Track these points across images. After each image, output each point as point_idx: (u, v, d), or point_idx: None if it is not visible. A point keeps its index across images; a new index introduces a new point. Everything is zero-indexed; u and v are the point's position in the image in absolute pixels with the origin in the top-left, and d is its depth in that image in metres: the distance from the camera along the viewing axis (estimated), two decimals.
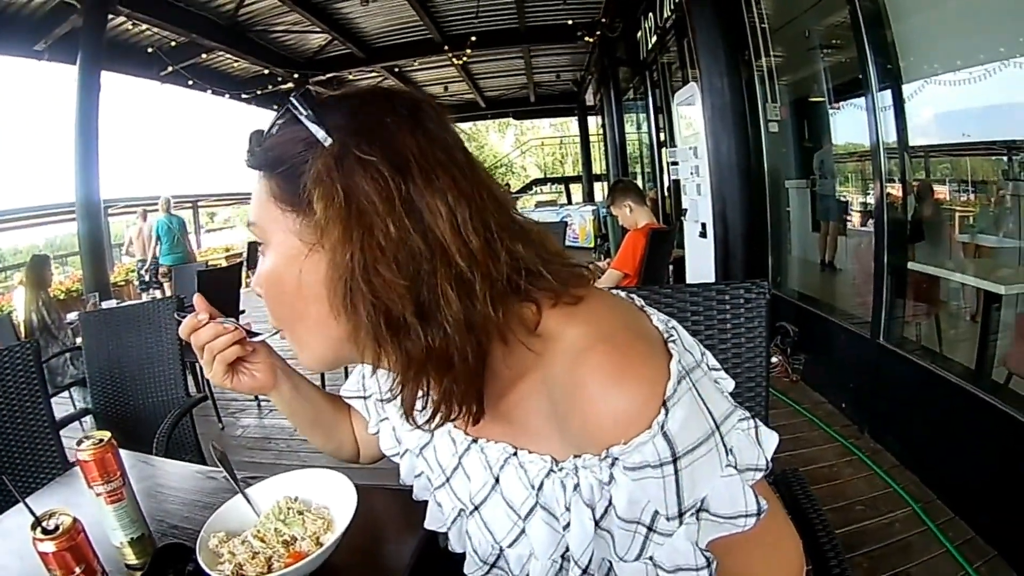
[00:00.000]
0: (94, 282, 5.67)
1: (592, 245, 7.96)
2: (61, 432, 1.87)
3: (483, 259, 0.49)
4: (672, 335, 0.53)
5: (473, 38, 8.37)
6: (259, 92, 9.63)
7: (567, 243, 6.56)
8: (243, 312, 4.35)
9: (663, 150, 6.57)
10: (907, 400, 2.28)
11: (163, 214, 7.19)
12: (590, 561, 0.55)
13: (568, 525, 0.54)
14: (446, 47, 8.68)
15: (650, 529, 0.49)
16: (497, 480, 0.59)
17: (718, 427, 0.49)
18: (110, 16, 6.00)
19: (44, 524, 0.74)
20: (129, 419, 2.21)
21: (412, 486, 0.76)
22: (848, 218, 3.61)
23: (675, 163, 4.66)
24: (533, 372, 0.54)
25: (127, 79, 7.71)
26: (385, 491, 0.98)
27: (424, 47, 8.95)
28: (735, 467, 0.50)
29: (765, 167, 3.71)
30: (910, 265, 2.44)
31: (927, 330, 2.57)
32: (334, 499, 0.91)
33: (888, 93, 2.31)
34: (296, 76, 9.24)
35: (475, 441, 0.61)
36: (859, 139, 3.04)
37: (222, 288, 4.10)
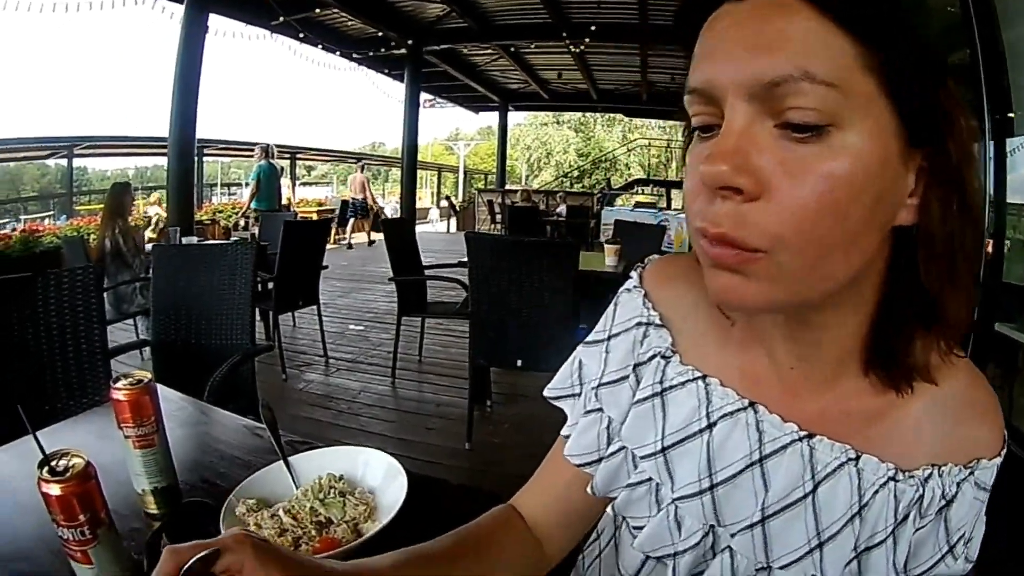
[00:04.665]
0: (178, 217, 5.82)
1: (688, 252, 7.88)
2: (118, 359, 1.85)
3: None
4: None
5: (593, 28, 8.25)
6: (371, 54, 9.43)
7: (663, 248, 6.41)
8: (326, 268, 4.28)
9: None
10: None
11: (263, 160, 7.17)
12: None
13: (880, 541, 0.50)
14: (564, 34, 8.62)
15: (951, 548, 0.51)
16: (816, 486, 0.51)
17: None
18: None
19: (53, 464, 0.65)
20: (188, 357, 2.18)
21: (602, 496, 0.61)
22: None
23: None
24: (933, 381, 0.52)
25: (238, 24, 7.56)
26: (446, 484, 0.92)
27: (542, 31, 8.93)
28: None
29: None
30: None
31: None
32: (383, 485, 0.84)
33: (992, 144, 2.16)
34: (410, 43, 9.15)
35: (810, 436, 0.51)
36: None
37: (307, 240, 4.08)
